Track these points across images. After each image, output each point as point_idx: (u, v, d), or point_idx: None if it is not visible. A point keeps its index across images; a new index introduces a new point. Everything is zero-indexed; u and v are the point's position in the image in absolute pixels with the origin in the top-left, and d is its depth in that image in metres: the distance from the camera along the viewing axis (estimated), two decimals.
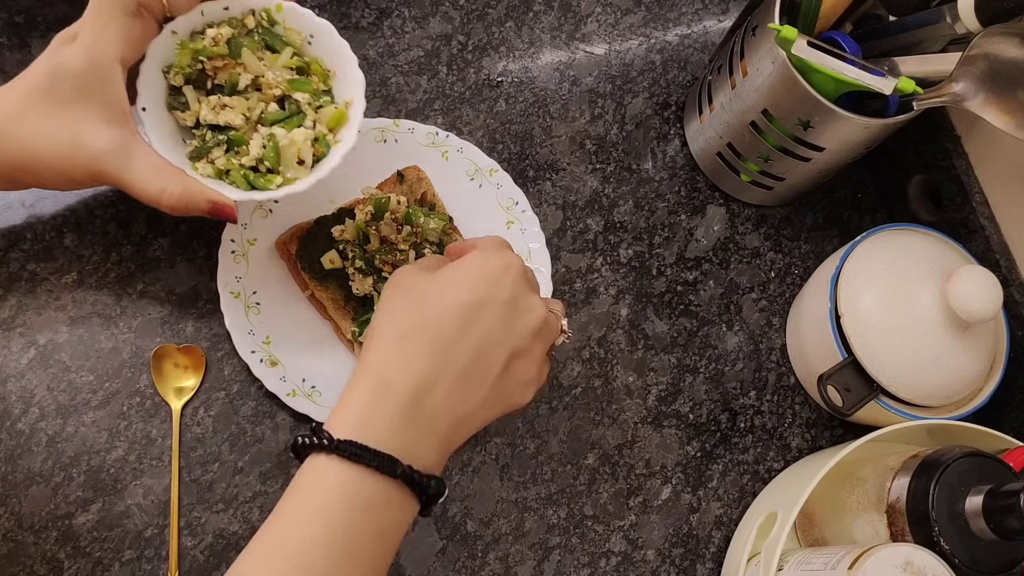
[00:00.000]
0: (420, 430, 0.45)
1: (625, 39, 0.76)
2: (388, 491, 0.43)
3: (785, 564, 0.56)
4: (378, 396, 0.44)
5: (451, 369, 0.46)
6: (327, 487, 0.42)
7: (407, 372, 0.45)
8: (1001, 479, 0.52)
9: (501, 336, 0.47)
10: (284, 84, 0.57)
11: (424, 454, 0.45)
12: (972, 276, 0.58)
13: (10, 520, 0.55)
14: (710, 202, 0.73)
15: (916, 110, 0.58)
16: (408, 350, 0.46)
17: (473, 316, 0.47)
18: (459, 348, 0.46)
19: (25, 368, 0.58)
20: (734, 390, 0.69)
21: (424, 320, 0.47)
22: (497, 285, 0.48)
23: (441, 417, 0.45)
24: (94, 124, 0.51)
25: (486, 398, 0.47)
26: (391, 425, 0.44)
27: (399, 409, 0.44)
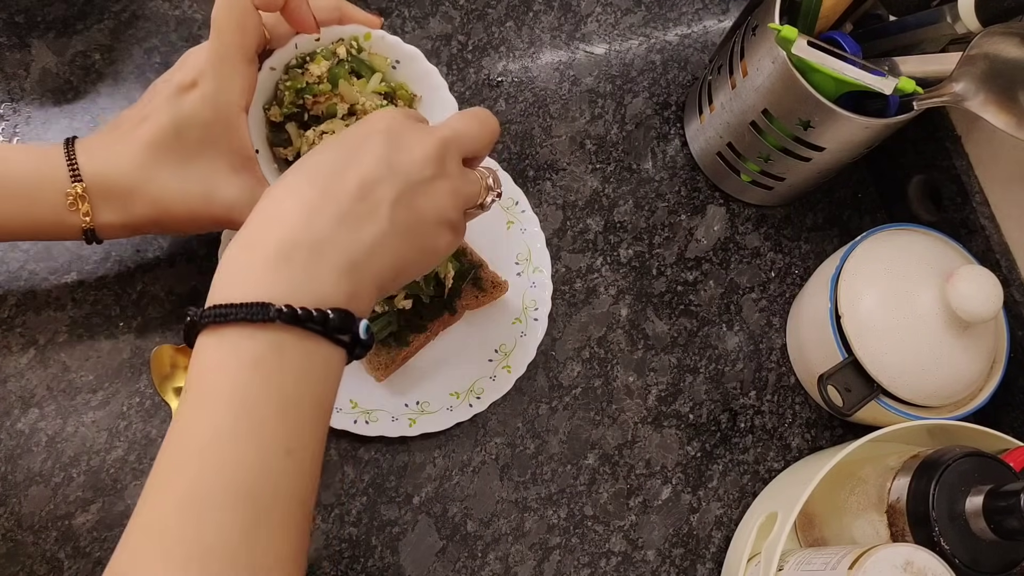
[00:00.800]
0: (299, 271, 0.39)
1: (625, 39, 0.76)
2: (275, 341, 0.38)
3: (785, 564, 0.56)
4: (243, 252, 0.40)
5: (329, 206, 0.41)
6: (207, 365, 0.38)
7: (272, 222, 0.40)
8: (1001, 479, 0.52)
9: (385, 170, 0.42)
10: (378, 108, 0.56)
11: (314, 291, 0.39)
12: (972, 276, 0.58)
13: (10, 520, 0.55)
14: (710, 202, 0.73)
15: (916, 110, 0.58)
16: (273, 202, 0.41)
17: (351, 152, 0.42)
18: (335, 187, 0.41)
19: (25, 368, 0.58)
20: (734, 390, 0.69)
21: (294, 173, 0.42)
22: (375, 122, 0.44)
23: (327, 250, 0.40)
24: (223, 174, 0.50)
25: (383, 232, 0.42)
26: (260, 276, 0.39)
27: (268, 259, 0.39)
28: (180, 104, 0.49)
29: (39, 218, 0.49)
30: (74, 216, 0.49)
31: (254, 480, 0.36)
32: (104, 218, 0.50)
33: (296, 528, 0.38)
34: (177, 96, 0.49)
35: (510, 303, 0.65)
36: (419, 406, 0.61)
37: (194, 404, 0.38)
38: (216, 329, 0.38)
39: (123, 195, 0.49)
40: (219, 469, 0.36)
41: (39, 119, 0.63)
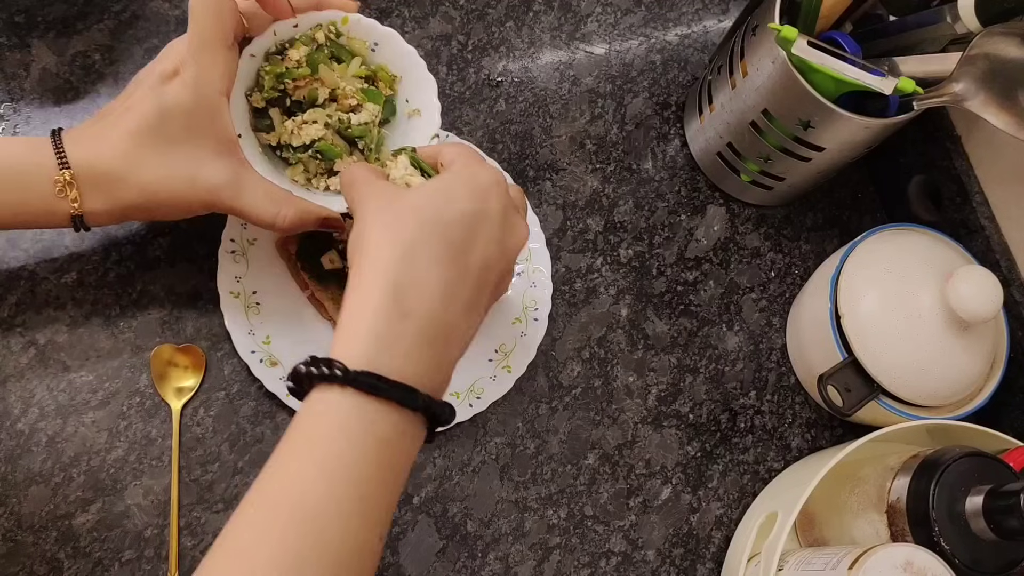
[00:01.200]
0: (434, 353, 0.41)
1: (625, 39, 0.76)
2: (405, 423, 0.39)
3: (785, 564, 0.56)
4: (395, 317, 0.40)
5: (464, 285, 0.42)
6: (337, 427, 0.38)
7: (422, 289, 0.41)
8: (1001, 479, 0.52)
9: (499, 254, 0.44)
10: (359, 94, 0.57)
11: (437, 378, 0.41)
12: (972, 276, 0.58)
13: (10, 520, 0.55)
14: (710, 202, 0.73)
15: (916, 110, 0.58)
16: (420, 264, 0.41)
17: (476, 228, 0.43)
18: (469, 262, 0.42)
19: (25, 368, 0.58)
20: (734, 390, 0.69)
21: (432, 229, 0.42)
22: (491, 198, 0.45)
23: (453, 338, 0.42)
24: (208, 159, 0.51)
25: (482, 317, 0.45)
26: (407, 350, 0.40)
27: (415, 332, 0.40)
28: (163, 92, 0.50)
29: (29, 205, 0.50)
30: (63, 203, 0.50)
31: (351, 556, 0.38)
32: (92, 204, 0.51)
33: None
34: (160, 85, 0.50)
35: (510, 303, 0.65)
36: None
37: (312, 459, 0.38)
38: (359, 395, 0.38)
39: (110, 182, 0.50)
40: (325, 537, 0.37)
41: (39, 119, 0.63)
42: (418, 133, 0.59)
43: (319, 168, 0.58)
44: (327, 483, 0.38)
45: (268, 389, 0.58)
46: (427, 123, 0.59)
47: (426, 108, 0.59)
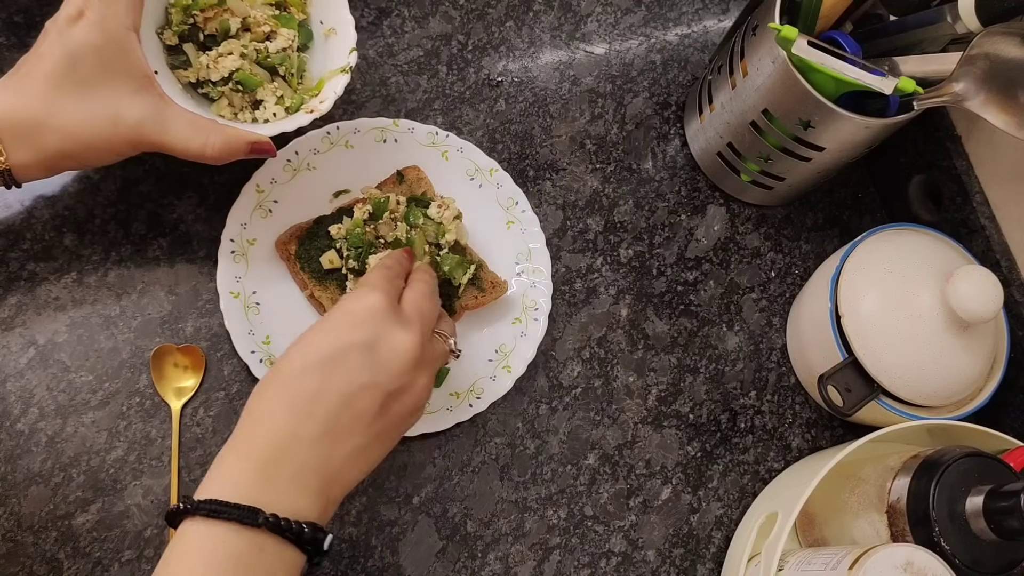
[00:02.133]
0: (284, 485, 0.44)
1: (625, 39, 0.76)
2: (257, 542, 0.42)
3: (785, 564, 0.56)
4: (239, 459, 0.44)
5: (312, 425, 0.45)
6: (192, 551, 0.42)
7: (263, 432, 0.45)
8: (1001, 479, 0.52)
9: (367, 382, 0.46)
10: (271, 21, 0.59)
11: (295, 505, 0.44)
12: (972, 276, 0.58)
13: (10, 520, 0.55)
14: (710, 202, 0.73)
15: (916, 110, 0.58)
16: (266, 409, 0.46)
17: (332, 368, 0.46)
18: (321, 403, 0.45)
19: (25, 368, 0.58)
20: (734, 390, 0.69)
21: (286, 380, 0.46)
22: (355, 329, 0.47)
23: (308, 472, 0.45)
24: (126, 96, 0.51)
25: (360, 447, 0.46)
26: (251, 483, 0.43)
27: (257, 468, 0.44)
28: (70, 35, 0.50)
29: None
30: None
31: None
32: (18, 157, 0.50)
33: None
34: (67, 28, 0.50)
35: (510, 303, 0.65)
36: None
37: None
38: (207, 520, 0.42)
39: (32, 131, 0.50)
40: None
41: None
42: (337, 52, 0.61)
43: (244, 101, 0.59)
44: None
45: None
46: (343, 39, 0.61)
47: (340, 25, 0.61)
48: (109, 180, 0.62)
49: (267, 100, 0.59)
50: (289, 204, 0.62)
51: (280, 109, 0.59)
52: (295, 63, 0.60)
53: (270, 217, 0.62)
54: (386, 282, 0.51)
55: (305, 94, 0.61)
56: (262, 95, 0.59)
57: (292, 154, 0.63)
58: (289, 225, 0.62)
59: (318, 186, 0.63)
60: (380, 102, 0.69)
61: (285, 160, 0.62)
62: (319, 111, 0.58)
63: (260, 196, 0.62)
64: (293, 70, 0.60)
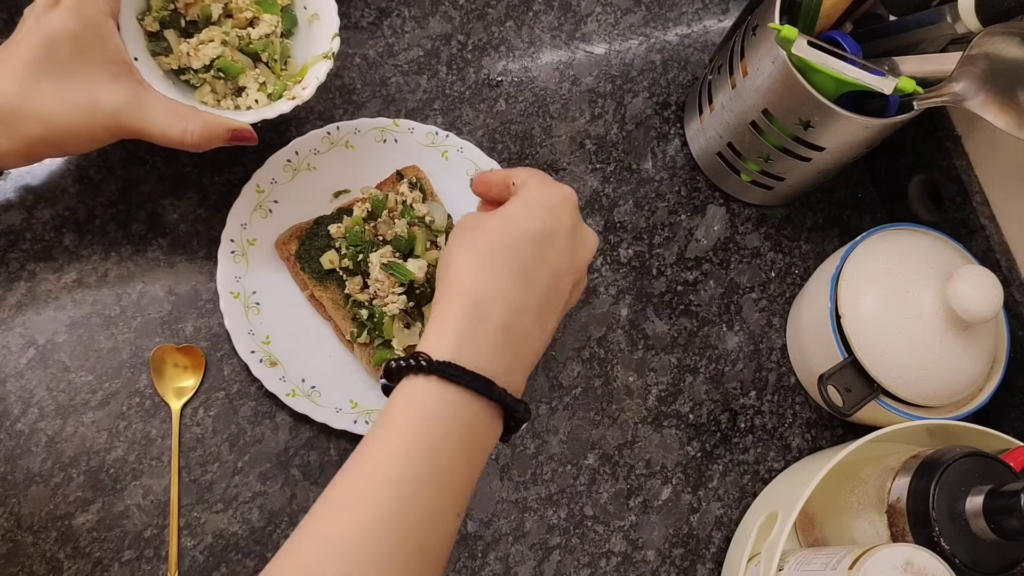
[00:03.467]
0: (511, 354, 0.45)
1: (625, 39, 0.76)
2: (483, 413, 0.43)
3: (785, 564, 0.56)
4: (474, 320, 0.44)
5: (534, 295, 0.46)
6: (424, 412, 0.42)
7: (500, 297, 0.45)
8: (1001, 479, 0.52)
9: (568, 264, 0.48)
10: (253, 6, 0.59)
11: (513, 377, 0.45)
12: (972, 276, 0.58)
13: (9, 520, 0.55)
14: (710, 202, 0.73)
15: (916, 110, 0.58)
16: (497, 276, 0.46)
17: (547, 244, 0.47)
18: (539, 275, 0.47)
19: (24, 368, 0.58)
20: (734, 390, 0.69)
21: (507, 247, 0.46)
22: (562, 215, 0.49)
23: (528, 343, 0.46)
24: (103, 82, 0.51)
25: (555, 324, 0.48)
26: (487, 349, 0.44)
27: (494, 334, 0.44)
28: (48, 21, 0.50)
29: None
30: None
31: (428, 525, 0.41)
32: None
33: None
34: (44, 14, 0.50)
35: None
36: None
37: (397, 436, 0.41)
38: (442, 382, 0.42)
39: (9, 118, 0.50)
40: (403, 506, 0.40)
41: None
42: (321, 38, 0.60)
43: (226, 88, 0.59)
44: (409, 456, 0.41)
45: (268, 389, 0.58)
46: (326, 25, 0.60)
47: (323, 10, 0.61)
48: (109, 180, 0.62)
49: (249, 87, 0.59)
50: (289, 204, 0.62)
51: (263, 96, 0.59)
52: (278, 49, 0.60)
53: (270, 217, 0.62)
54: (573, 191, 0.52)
55: (288, 80, 0.60)
56: (244, 82, 0.59)
57: (292, 154, 0.63)
58: (289, 225, 0.62)
59: (318, 186, 0.63)
60: (380, 102, 0.69)
61: (285, 160, 0.62)
62: (301, 98, 0.58)
63: (260, 196, 0.62)
64: (276, 56, 0.60)
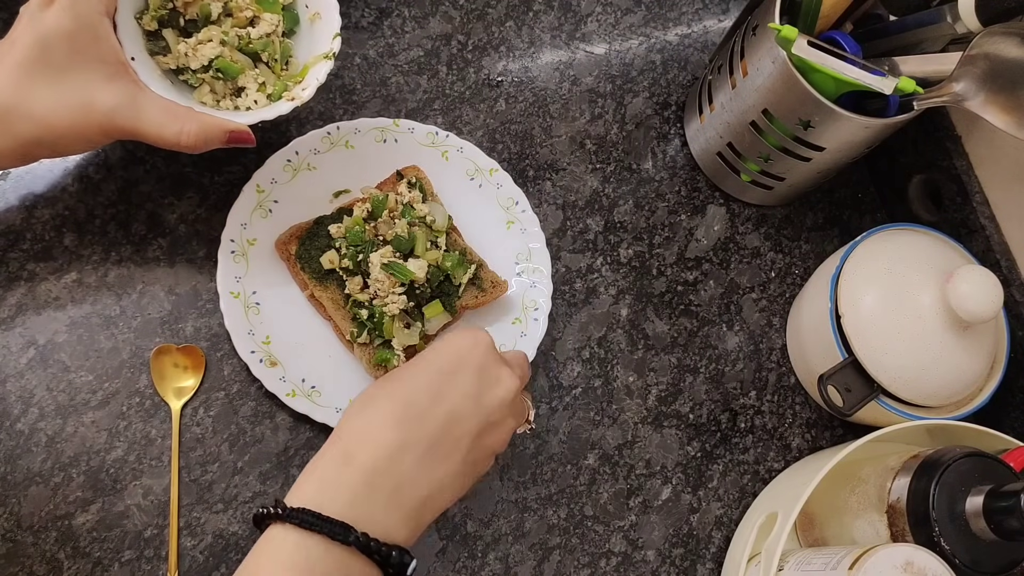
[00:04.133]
0: (382, 500, 0.44)
1: (625, 39, 0.76)
2: (345, 561, 0.42)
3: (785, 564, 0.56)
4: (338, 465, 0.44)
5: (417, 439, 0.45)
6: (280, 559, 0.41)
7: (369, 440, 0.45)
8: (1001, 479, 0.52)
9: (472, 407, 0.47)
10: (254, 5, 0.58)
11: (386, 523, 0.44)
12: (972, 276, 0.58)
13: (9, 520, 0.55)
14: (710, 202, 0.73)
15: (916, 110, 0.58)
16: (373, 419, 0.46)
17: (443, 385, 0.47)
18: (428, 418, 0.46)
19: (24, 368, 0.58)
20: (734, 390, 0.69)
21: (393, 391, 0.47)
22: (467, 356, 0.48)
23: (406, 487, 0.44)
24: (98, 82, 0.51)
25: (455, 472, 0.46)
26: (349, 495, 0.43)
27: (357, 478, 0.43)
28: (42, 20, 0.49)
29: None
30: None
31: None
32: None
33: None
34: (39, 13, 0.50)
35: (510, 303, 0.65)
36: None
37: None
38: (298, 530, 0.42)
39: (3, 117, 0.50)
40: None
41: None
42: (322, 37, 0.60)
43: (225, 88, 0.58)
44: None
45: (268, 389, 0.58)
46: (327, 24, 0.60)
47: (325, 9, 0.60)
48: (109, 180, 0.62)
49: (249, 87, 0.58)
50: (289, 204, 0.62)
51: (262, 96, 0.59)
52: (278, 49, 0.59)
53: (270, 217, 0.62)
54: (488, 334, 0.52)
55: (289, 80, 0.60)
56: (244, 82, 0.58)
57: (292, 154, 0.63)
58: (289, 225, 0.62)
59: (318, 186, 0.63)
60: (380, 102, 0.69)
61: (285, 160, 0.62)
62: (300, 99, 0.57)
63: (260, 196, 0.62)
64: (276, 56, 0.59)
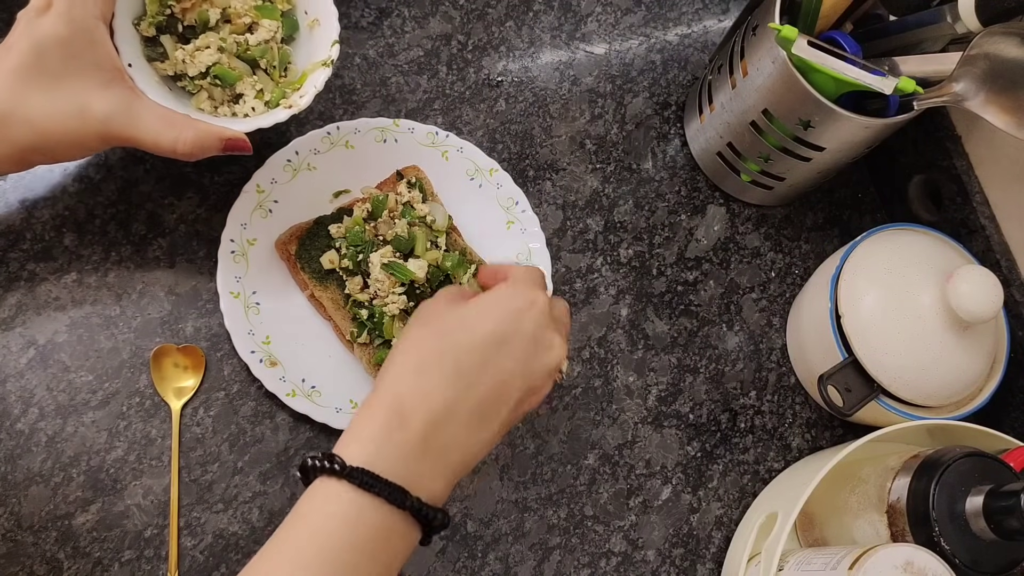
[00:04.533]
0: (431, 462, 0.44)
1: (625, 39, 0.76)
2: (394, 521, 0.42)
3: (785, 564, 0.56)
4: (392, 426, 0.44)
5: (467, 403, 0.45)
6: (333, 514, 0.42)
7: (423, 403, 0.44)
8: (1001, 479, 0.52)
9: (520, 372, 0.47)
10: (252, 12, 0.58)
11: (432, 485, 0.44)
12: (972, 276, 0.58)
13: (10, 520, 0.55)
14: (710, 202, 0.73)
15: (916, 110, 0.58)
16: (426, 380, 0.45)
17: (495, 350, 0.46)
18: (478, 382, 0.45)
19: (25, 368, 0.58)
20: (734, 390, 0.69)
21: (445, 351, 0.46)
22: (521, 320, 0.47)
23: (453, 450, 0.45)
24: (94, 89, 0.50)
25: (494, 433, 0.47)
26: (403, 456, 0.43)
27: (412, 440, 0.43)
28: (38, 26, 0.49)
29: None
30: None
31: None
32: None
33: None
34: (35, 19, 0.50)
35: None
36: None
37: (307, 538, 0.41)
38: (354, 488, 0.42)
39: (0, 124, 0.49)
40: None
41: None
42: (321, 44, 0.59)
43: (224, 95, 0.58)
44: (319, 560, 0.41)
45: (268, 389, 0.58)
46: (326, 31, 0.59)
47: (324, 16, 0.59)
48: (109, 180, 0.62)
49: (247, 94, 0.58)
50: (289, 204, 0.62)
51: (260, 103, 0.58)
52: (276, 56, 0.59)
53: (270, 217, 0.62)
54: (543, 286, 0.51)
55: (287, 87, 0.59)
56: (242, 89, 0.58)
57: (292, 154, 0.63)
58: (289, 225, 0.62)
59: (318, 186, 0.63)
60: (380, 102, 0.69)
61: (285, 160, 0.62)
62: (298, 106, 0.57)
63: (260, 196, 0.62)
64: (275, 63, 0.59)
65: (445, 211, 0.64)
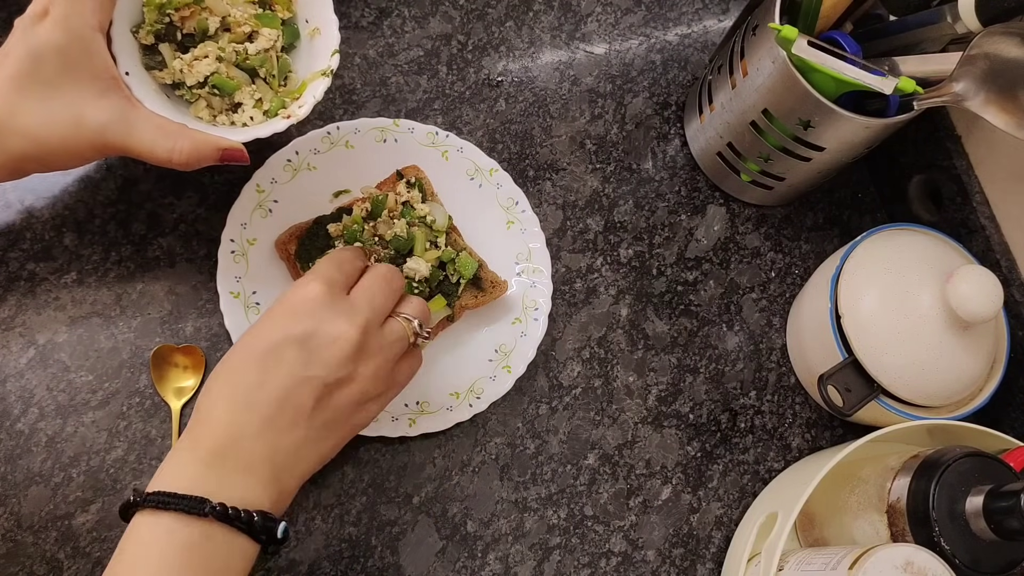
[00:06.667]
0: (232, 474, 0.45)
1: (625, 39, 0.76)
2: (206, 531, 0.43)
3: (785, 564, 0.56)
4: (187, 452, 0.45)
5: (252, 418, 0.46)
6: (146, 541, 0.43)
7: (209, 427, 0.46)
8: (1001, 479, 0.52)
9: (303, 375, 0.47)
10: (252, 20, 0.57)
11: (244, 494, 0.44)
12: (972, 276, 0.58)
13: (10, 520, 0.55)
14: (710, 202, 0.73)
15: (916, 110, 0.58)
16: (211, 404, 0.46)
17: (270, 361, 0.47)
18: (260, 397, 0.46)
19: (24, 368, 0.58)
20: (734, 390, 0.69)
21: (229, 373, 0.47)
22: (292, 321, 0.48)
23: (256, 462, 0.45)
24: (90, 98, 0.50)
25: (305, 438, 0.47)
26: (197, 472, 0.44)
27: (205, 458, 0.45)
28: (34, 34, 0.49)
29: None
30: None
31: None
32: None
33: None
34: (31, 27, 0.49)
35: (510, 303, 0.65)
36: (419, 406, 0.61)
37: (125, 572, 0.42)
38: (155, 512, 0.43)
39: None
40: None
41: None
42: (322, 53, 0.59)
43: (222, 104, 0.57)
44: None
45: None
46: (327, 40, 0.59)
47: (324, 25, 0.59)
48: (109, 180, 0.62)
49: (245, 103, 0.58)
50: (289, 204, 0.62)
51: (258, 113, 0.58)
52: (275, 65, 0.59)
53: (270, 217, 0.62)
54: (332, 270, 0.51)
55: (287, 97, 0.59)
56: (240, 98, 0.57)
57: (292, 154, 0.63)
58: (289, 225, 0.62)
59: (318, 186, 0.63)
60: (380, 102, 0.69)
61: (285, 160, 0.62)
62: (296, 116, 0.56)
63: (260, 196, 0.62)
64: (274, 72, 0.59)
65: (445, 211, 0.64)
